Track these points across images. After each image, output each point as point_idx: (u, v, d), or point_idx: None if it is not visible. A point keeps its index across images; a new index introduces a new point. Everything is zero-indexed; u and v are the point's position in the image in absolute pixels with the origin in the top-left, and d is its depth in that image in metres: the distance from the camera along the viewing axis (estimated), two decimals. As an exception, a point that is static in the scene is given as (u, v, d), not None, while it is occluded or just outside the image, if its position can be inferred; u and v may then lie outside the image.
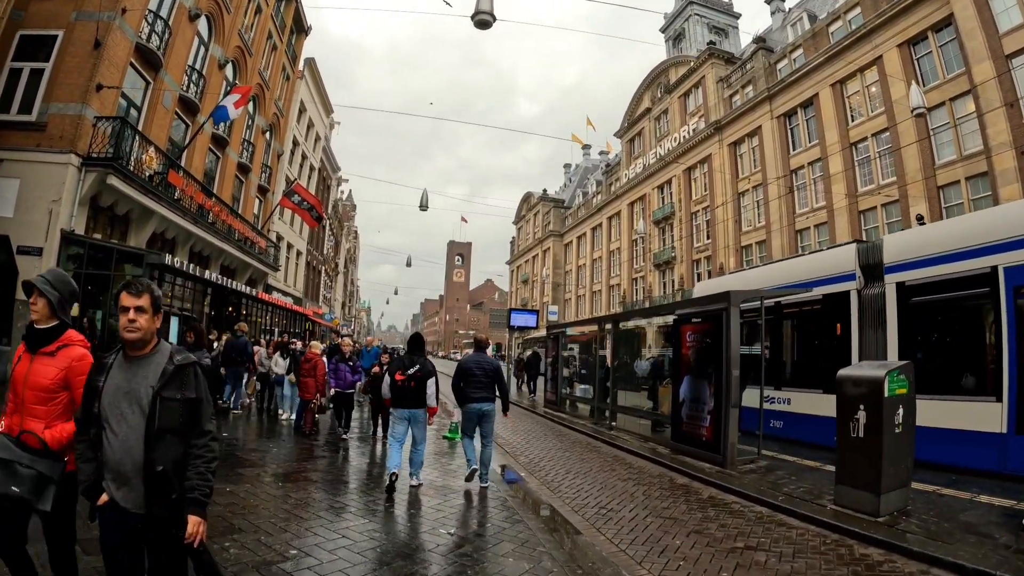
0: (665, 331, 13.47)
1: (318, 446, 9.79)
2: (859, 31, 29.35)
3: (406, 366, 7.09)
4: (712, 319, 9.52)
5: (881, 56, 28.29)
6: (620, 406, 13.11)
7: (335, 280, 53.05)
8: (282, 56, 27.13)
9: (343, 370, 10.90)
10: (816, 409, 10.76)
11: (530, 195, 78.79)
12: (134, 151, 15.56)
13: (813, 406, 10.82)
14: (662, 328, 13.76)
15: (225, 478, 6.81)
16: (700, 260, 41.40)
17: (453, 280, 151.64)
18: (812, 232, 32.77)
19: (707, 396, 9.47)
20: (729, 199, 38.32)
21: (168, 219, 17.06)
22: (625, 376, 13.44)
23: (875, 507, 6.37)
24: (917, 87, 20.05)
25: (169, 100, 17.92)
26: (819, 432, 10.56)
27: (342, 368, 10.89)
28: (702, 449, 9.52)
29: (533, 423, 14.90)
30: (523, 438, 12.43)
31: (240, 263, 23.15)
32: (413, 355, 7.25)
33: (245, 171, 24.49)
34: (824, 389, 10.62)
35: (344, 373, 10.89)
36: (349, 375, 10.95)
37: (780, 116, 35.24)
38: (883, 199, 28.60)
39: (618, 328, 13.65)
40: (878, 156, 29.24)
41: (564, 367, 16.90)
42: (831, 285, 10.92)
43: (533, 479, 8.62)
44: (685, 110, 44.16)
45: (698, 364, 9.83)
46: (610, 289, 54.55)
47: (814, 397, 10.82)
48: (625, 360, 13.60)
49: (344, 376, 10.88)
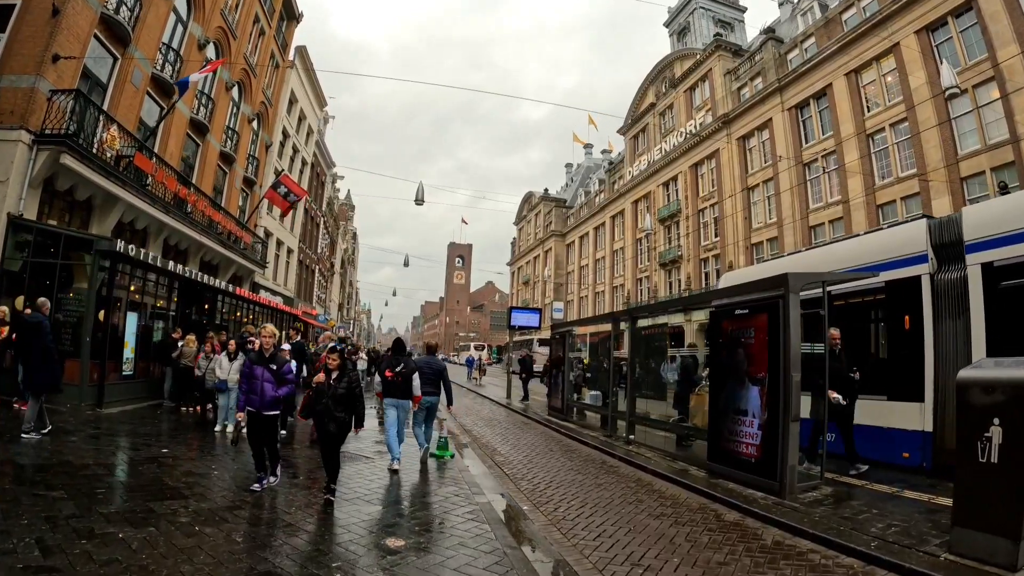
0: (681, 329, 11.59)
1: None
2: (874, 18, 27.74)
3: (394, 365, 8.26)
4: (764, 310, 7.57)
5: (898, 43, 26.67)
6: (639, 416, 11.11)
7: (331, 281, 51.00)
8: (271, 42, 25.23)
9: (260, 378, 6.56)
10: (877, 419, 8.84)
11: (531, 195, 76.76)
12: (97, 132, 13.73)
13: (874, 416, 8.90)
14: (689, 324, 11.82)
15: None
16: (708, 259, 39.50)
17: (454, 282, 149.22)
18: (827, 228, 30.98)
19: (757, 406, 7.52)
20: (738, 194, 36.47)
21: (136, 207, 15.17)
22: (646, 381, 11.39)
23: (1012, 558, 4.56)
24: (948, 66, 18.15)
25: (139, 78, 16.06)
26: (881, 447, 8.68)
27: (259, 373, 6.58)
28: (750, 472, 7.58)
29: (536, 436, 12.87)
30: (525, 455, 10.44)
31: (223, 259, 21.22)
32: (398, 356, 8.48)
33: (229, 161, 22.59)
34: (889, 395, 8.77)
35: (261, 384, 6.54)
36: (270, 387, 6.57)
37: (792, 108, 33.57)
38: (903, 192, 26.95)
39: (637, 325, 11.52)
40: (896, 147, 27.51)
41: (571, 371, 14.94)
42: (895, 270, 8.95)
43: (539, 515, 6.67)
44: (691, 104, 42.26)
45: (745, 367, 7.86)
46: (614, 290, 52.56)
47: (875, 405, 8.91)
48: (647, 362, 11.56)
49: (261, 388, 6.54)
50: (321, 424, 6.33)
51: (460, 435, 12.04)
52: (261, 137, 26.13)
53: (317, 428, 6.47)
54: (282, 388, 6.68)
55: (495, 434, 12.89)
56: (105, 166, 13.73)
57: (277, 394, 6.62)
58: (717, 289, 8.86)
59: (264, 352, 6.74)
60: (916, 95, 25.51)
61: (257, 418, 6.53)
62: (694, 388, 9.81)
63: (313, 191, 38.35)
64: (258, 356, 6.75)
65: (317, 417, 6.39)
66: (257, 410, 6.52)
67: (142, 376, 13.73)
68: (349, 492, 6.67)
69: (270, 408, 6.59)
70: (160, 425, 10.79)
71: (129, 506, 5.58)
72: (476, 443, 11.50)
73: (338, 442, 6.40)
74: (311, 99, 33.80)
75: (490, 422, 15.01)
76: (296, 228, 34.18)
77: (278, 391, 6.62)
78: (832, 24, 31.73)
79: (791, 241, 32.44)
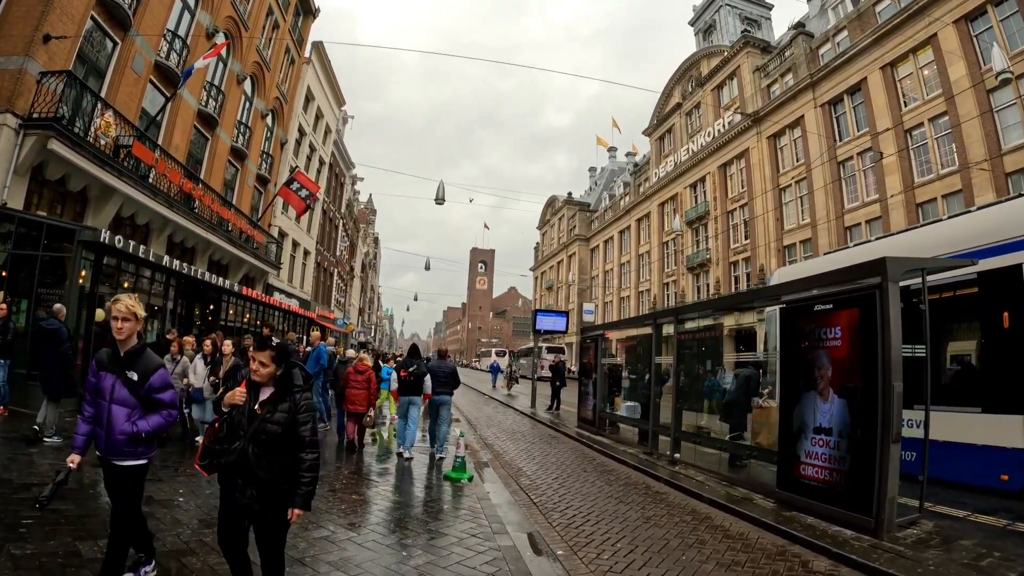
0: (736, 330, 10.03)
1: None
2: (910, 8, 26.04)
3: (408, 366, 9.37)
4: (854, 304, 6.03)
5: (936, 34, 25.00)
6: (687, 432, 9.44)
7: (350, 284, 49.76)
8: (286, 36, 24.08)
9: (109, 395, 3.52)
10: (968, 436, 7.28)
11: (555, 199, 75.06)
12: (93, 119, 12.61)
13: (963, 431, 7.32)
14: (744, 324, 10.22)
15: None
16: (738, 262, 37.66)
17: (476, 287, 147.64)
18: (863, 228, 29.13)
19: (845, 423, 5.97)
20: (769, 195, 34.68)
21: (135, 200, 14.02)
22: (693, 391, 9.68)
23: None
24: (1000, 50, 16.44)
25: (141, 65, 14.94)
26: (973, 468, 7.18)
27: (107, 387, 3.54)
28: (834, 504, 6.02)
29: (565, 452, 11.25)
30: (555, 477, 8.81)
31: (233, 258, 20.02)
32: (412, 359, 9.56)
33: (240, 157, 21.42)
34: (984, 407, 7.21)
35: (109, 407, 3.51)
36: (123, 416, 3.50)
37: (825, 104, 31.76)
38: (944, 189, 25.14)
39: (683, 327, 9.70)
40: (936, 143, 25.73)
41: (601, 379, 13.35)
42: (992, 258, 7.36)
43: (577, 562, 5.11)
44: (719, 103, 40.51)
45: (827, 374, 6.28)
46: (639, 295, 50.75)
47: (965, 418, 7.33)
48: (695, 369, 9.81)
49: (109, 415, 3.50)
50: (229, 491, 3.19)
51: (480, 451, 10.57)
52: (276, 134, 24.97)
53: (222, 500, 3.25)
54: (149, 418, 3.54)
55: (519, 450, 11.35)
56: (99, 154, 12.57)
57: (135, 429, 3.46)
58: (789, 282, 7.26)
59: (120, 347, 3.54)
60: (956, 87, 23.87)
61: (107, 469, 3.55)
62: (752, 399, 8.22)
63: (332, 192, 37.23)
64: (109, 356, 3.58)
65: (223, 476, 3.22)
66: (104, 455, 3.51)
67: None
68: (341, 518, 5.26)
69: (122, 454, 3.48)
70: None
71: None
72: (498, 460, 10.02)
73: (268, 533, 3.23)
74: (329, 97, 32.68)
75: (513, 435, 13.49)
76: (313, 229, 33.01)
77: (138, 423, 3.49)
78: (865, 16, 29.99)
79: (825, 242, 30.63)
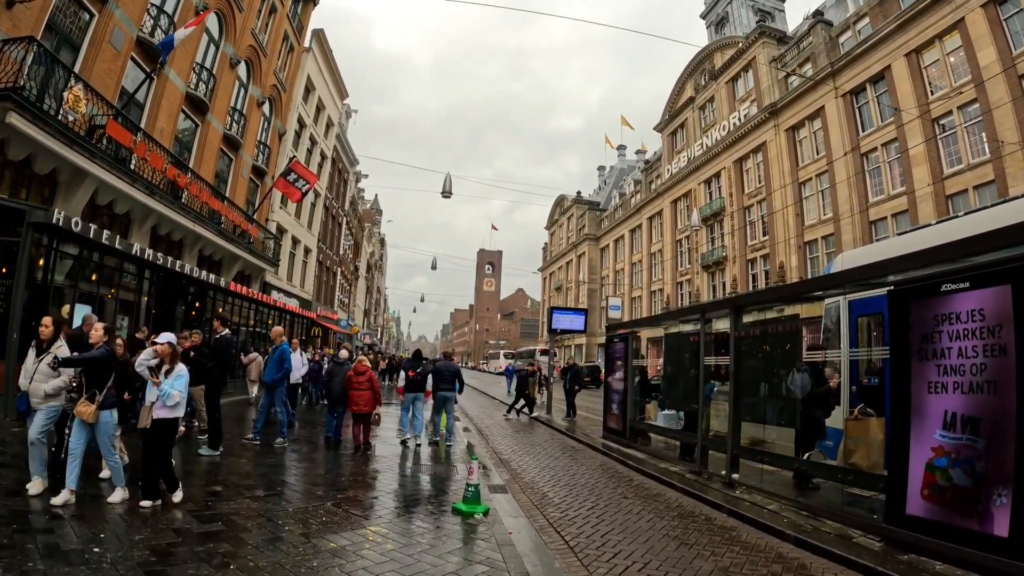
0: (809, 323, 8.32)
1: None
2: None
3: (414, 367, 10.66)
4: (1005, 279, 4.47)
5: (963, 19, 23.54)
6: (748, 448, 7.58)
7: (355, 285, 48.01)
8: (284, 21, 22.50)
9: None
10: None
11: (563, 198, 73.09)
12: (63, 95, 11.10)
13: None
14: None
15: None
16: (755, 259, 35.87)
17: (483, 289, 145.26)
18: (889, 222, 27.49)
19: (988, 445, 4.36)
20: (788, 189, 32.94)
21: (111, 186, 12.49)
22: (757, 397, 7.74)
23: None
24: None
25: (121, 40, 13.42)
26: None
27: None
28: (981, 549, 4.38)
29: (594, 470, 9.36)
30: (589, 504, 6.97)
31: (226, 254, 18.44)
32: (416, 361, 10.99)
33: (234, 146, 19.83)
34: None
35: None
36: None
37: (846, 94, 30.05)
38: (976, 180, 23.52)
39: (741, 320, 7.77)
40: (966, 131, 24.11)
41: (632, 384, 11.58)
42: None
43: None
44: (734, 96, 38.77)
45: (968, 375, 4.65)
46: (651, 294, 48.93)
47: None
48: (758, 372, 7.86)
49: None
50: None
51: (494, 468, 8.82)
52: (273, 124, 23.35)
53: None
54: None
55: (540, 467, 9.61)
56: (66, 131, 11.03)
57: None
58: (893, 259, 5.55)
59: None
60: (986, 73, 22.29)
61: None
62: (851, 410, 6.52)
63: (335, 188, 35.48)
64: None
65: None
66: None
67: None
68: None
69: None
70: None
71: None
72: (517, 482, 8.29)
73: None
74: (330, 88, 31.00)
75: (531, 448, 11.77)
76: (315, 226, 31.29)
77: None
78: (888, 2, 28.31)
79: (849, 238, 28.96)
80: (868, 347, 8.33)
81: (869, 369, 8.30)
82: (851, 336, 8.50)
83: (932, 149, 25.21)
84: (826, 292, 7.65)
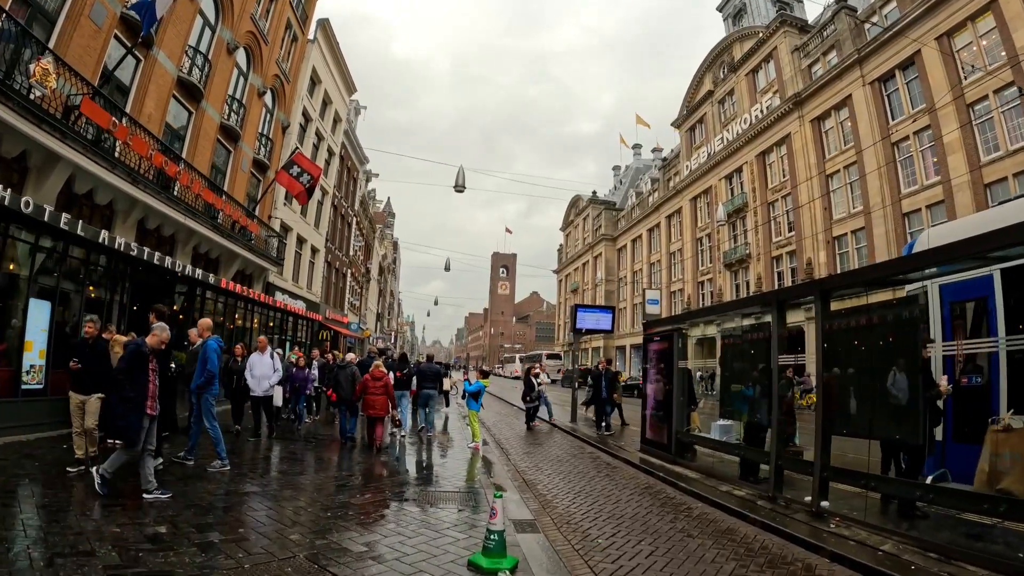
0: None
1: None
2: (966, -29, 22.85)
3: (401, 368, 12.23)
4: None
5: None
6: (841, 468, 5.91)
7: (366, 287, 46.55)
8: (286, 9, 21.11)
9: None
10: None
11: (578, 198, 71.10)
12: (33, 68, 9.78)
13: None
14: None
15: None
16: (781, 256, 34.09)
17: (498, 293, 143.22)
18: (924, 214, 25.80)
19: None
20: (815, 182, 31.21)
21: (89, 172, 11.14)
22: (844, 408, 5.98)
23: None
24: None
25: (103, 16, 12.10)
26: None
27: None
28: None
29: (638, 493, 7.75)
30: (646, 546, 5.35)
31: (224, 252, 17.08)
32: (403, 364, 12.59)
33: (233, 137, 18.42)
34: None
35: None
36: None
37: (874, 81, 28.34)
38: (1015, 167, 21.89)
39: (829, 310, 6.23)
40: (1002, 116, 22.52)
41: (679, 390, 9.76)
42: None
43: None
44: (755, 87, 37.04)
45: None
46: (671, 295, 47.05)
47: None
48: (866, 372, 5.83)
49: None
50: None
51: (520, 495, 7.12)
52: (276, 116, 21.97)
53: None
54: None
55: (574, 491, 7.90)
56: (36, 109, 9.72)
57: None
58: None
59: None
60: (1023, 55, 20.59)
61: None
62: (995, 421, 4.95)
63: (343, 187, 34.12)
64: None
65: None
66: None
67: (59, 392, 8.77)
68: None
69: None
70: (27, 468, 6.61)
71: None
72: (548, 513, 6.59)
73: None
74: (338, 82, 29.69)
75: (558, 464, 10.18)
76: (323, 225, 29.82)
77: None
78: (916, -15, 26.65)
79: (881, 231, 27.29)
80: (967, 339, 6.83)
81: (967, 367, 6.77)
82: (944, 327, 6.97)
83: (967, 136, 23.59)
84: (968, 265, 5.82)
